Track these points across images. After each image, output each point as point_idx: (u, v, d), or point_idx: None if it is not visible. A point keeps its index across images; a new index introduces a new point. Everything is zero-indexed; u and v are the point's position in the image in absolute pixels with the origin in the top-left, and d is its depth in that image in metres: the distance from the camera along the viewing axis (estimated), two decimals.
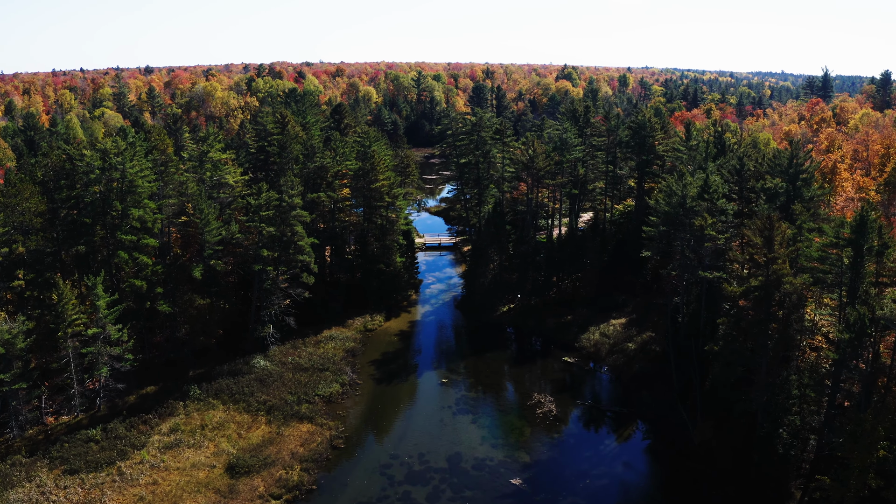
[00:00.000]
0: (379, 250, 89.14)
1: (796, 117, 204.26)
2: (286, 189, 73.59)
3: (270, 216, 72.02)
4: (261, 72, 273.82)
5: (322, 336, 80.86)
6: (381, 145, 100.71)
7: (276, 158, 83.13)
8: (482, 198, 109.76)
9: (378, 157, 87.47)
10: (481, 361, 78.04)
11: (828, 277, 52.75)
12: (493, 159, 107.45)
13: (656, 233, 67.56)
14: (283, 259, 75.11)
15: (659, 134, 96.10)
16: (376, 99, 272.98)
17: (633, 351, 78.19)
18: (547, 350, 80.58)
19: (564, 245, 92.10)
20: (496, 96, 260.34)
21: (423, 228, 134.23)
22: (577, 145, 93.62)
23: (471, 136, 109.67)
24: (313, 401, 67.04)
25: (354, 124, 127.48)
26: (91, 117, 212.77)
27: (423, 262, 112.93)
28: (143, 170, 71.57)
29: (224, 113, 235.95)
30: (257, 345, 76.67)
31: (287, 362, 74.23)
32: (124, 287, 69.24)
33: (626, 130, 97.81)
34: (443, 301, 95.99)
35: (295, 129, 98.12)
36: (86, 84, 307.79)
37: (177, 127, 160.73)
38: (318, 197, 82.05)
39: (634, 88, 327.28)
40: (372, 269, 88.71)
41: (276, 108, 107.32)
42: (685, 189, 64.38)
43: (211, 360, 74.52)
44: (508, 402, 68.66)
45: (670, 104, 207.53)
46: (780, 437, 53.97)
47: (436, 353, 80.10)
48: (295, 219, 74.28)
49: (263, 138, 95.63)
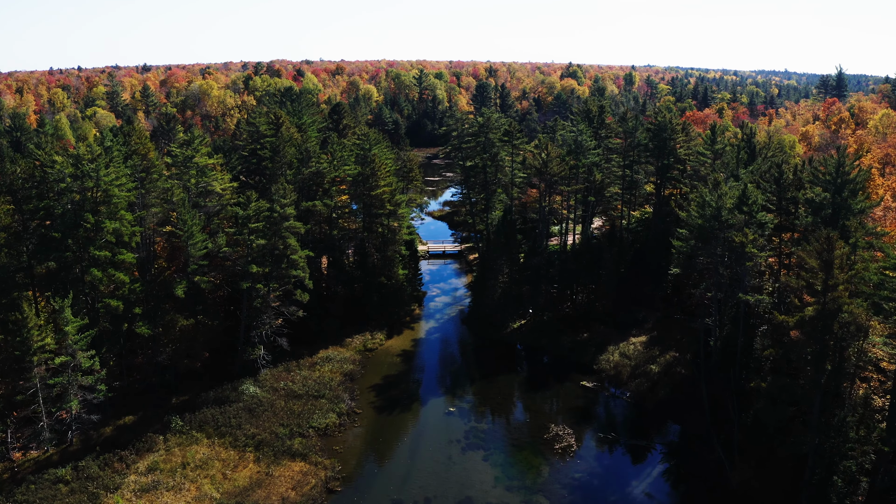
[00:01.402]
0: (380, 262, 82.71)
1: (811, 117, 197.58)
2: (277, 198, 67.11)
3: (260, 228, 65.56)
4: (258, 70, 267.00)
5: (318, 357, 74.41)
6: (382, 148, 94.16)
7: (269, 163, 76.53)
8: (489, 203, 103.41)
9: (379, 161, 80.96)
10: (491, 385, 71.61)
11: (890, 306, 46.24)
12: (502, 162, 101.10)
13: (688, 248, 61.00)
14: (274, 274, 68.66)
15: (680, 136, 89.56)
16: (377, 98, 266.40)
17: (656, 374, 71.71)
18: (562, 372, 74.11)
19: (579, 255, 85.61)
20: (500, 95, 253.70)
21: (427, 234, 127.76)
22: (592, 148, 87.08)
23: (478, 137, 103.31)
24: (307, 434, 60.61)
25: (354, 125, 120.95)
26: (83, 117, 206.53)
27: (426, 271, 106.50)
28: (121, 177, 65.10)
29: (220, 112, 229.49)
30: (247, 368, 70.28)
31: (279, 388, 67.80)
32: (98, 308, 62.82)
33: (645, 133, 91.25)
34: (448, 316, 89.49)
35: (290, 130, 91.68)
36: (80, 83, 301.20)
37: (170, 127, 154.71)
38: (314, 205, 75.49)
39: (640, 87, 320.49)
40: (372, 283, 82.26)
41: (271, 107, 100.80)
42: (720, 200, 57.85)
43: (196, 385, 68.18)
44: (523, 434, 62.15)
45: (681, 103, 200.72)
46: (835, 484, 47.59)
47: (442, 375, 73.66)
48: (287, 231, 67.85)
49: (256, 140, 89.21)
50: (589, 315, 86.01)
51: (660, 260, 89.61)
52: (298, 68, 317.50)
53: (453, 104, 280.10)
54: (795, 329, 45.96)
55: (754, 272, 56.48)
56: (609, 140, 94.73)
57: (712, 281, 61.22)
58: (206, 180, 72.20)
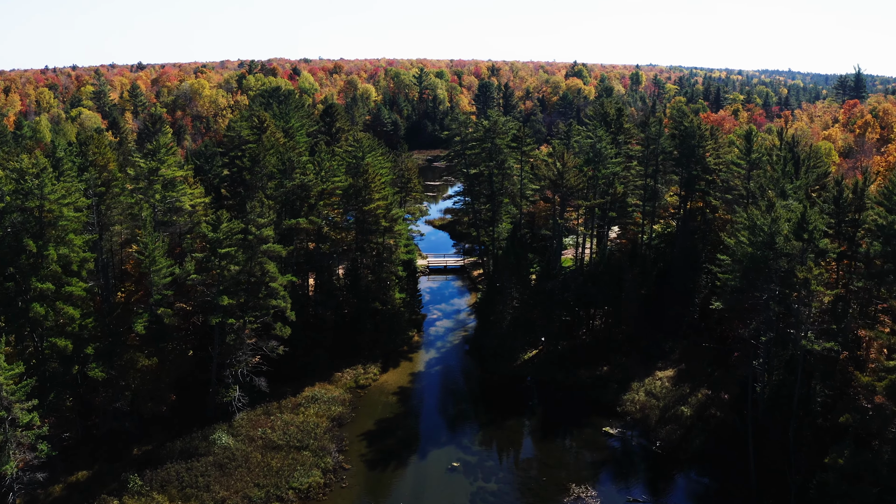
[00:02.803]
0: (374, 285, 73.64)
1: (830, 120, 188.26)
2: (253, 217, 58.01)
3: (232, 253, 56.49)
4: (252, 68, 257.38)
5: (302, 397, 65.37)
6: (377, 155, 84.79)
7: (247, 174, 67.32)
8: (496, 215, 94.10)
9: (372, 171, 71.83)
10: (500, 432, 62.58)
11: None
12: (510, 170, 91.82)
13: (735, 281, 51.83)
14: (250, 305, 59.60)
15: (709, 143, 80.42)
16: (375, 97, 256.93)
17: (689, 419, 62.67)
18: (581, 414, 65.07)
19: (598, 277, 76.48)
20: (503, 95, 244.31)
21: (427, 246, 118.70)
22: (612, 157, 77.92)
23: (483, 143, 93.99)
24: (286, 497, 51.63)
25: (348, 128, 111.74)
26: (67, 118, 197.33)
27: (426, 289, 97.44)
28: (72, 193, 56.11)
29: (212, 113, 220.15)
30: (220, 411, 61.31)
31: (256, 437, 58.76)
32: (44, 349, 53.79)
33: (669, 139, 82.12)
34: (451, 344, 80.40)
35: (275, 135, 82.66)
36: (70, 81, 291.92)
37: (156, 129, 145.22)
38: (297, 223, 66.33)
39: (648, 87, 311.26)
40: (365, 308, 73.19)
41: (256, 109, 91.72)
42: (775, 225, 48.76)
43: (162, 432, 59.22)
44: (539, 499, 53.05)
45: (693, 105, 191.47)
46: None
47: (444, 420, 64.62)
48: (265, 255, 58.81)
49: (237, 147, 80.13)
50: (608, 343, 77.04)
51: (686, 281, 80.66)
52: (295, 67, 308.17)
53: (455, 104, 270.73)
54: (885, 396, 36.90)
55: (818, 313, 47.42)
56: (628, 147, 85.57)
57: (761, 318, 52.14)
58: (174, 195, 63.10)
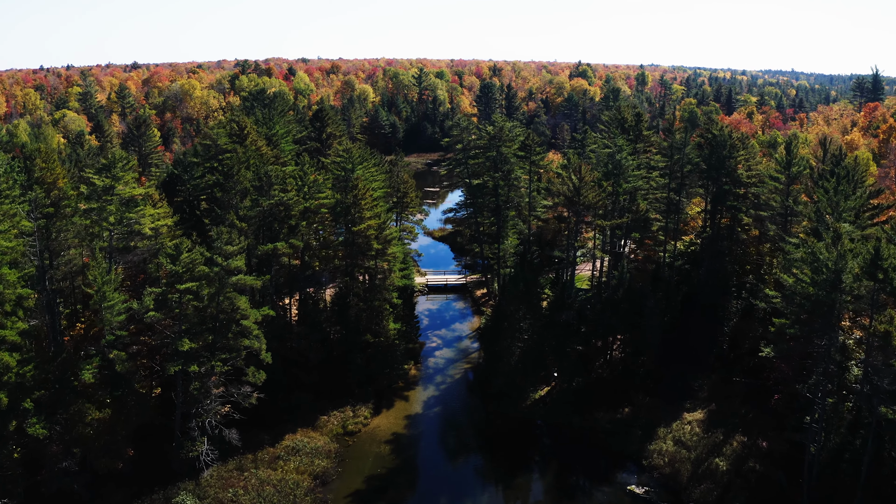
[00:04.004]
0: (365, 314, 65.26)
1: (848, 123, 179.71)
2: (220, 245, 49.64)
3: (194, 289, 48.15)
4: (246, 68, 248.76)
5: (282, 447, 56.92)
6: (369, 167, 76.15)
7: (218, 192, 58.87)
8: (501, 230, 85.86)
9: (363, 186, 63.40)
10: (510, 492, 54.27)
11: None
12: (518, 182, 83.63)
13: (793, 326, 43.40)
14: (218, 346, 51.27)
15: (741, 154, 72.03)
16: (373, 98, 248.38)
17: (726, 475, 54.26)
18: (601, 469, 56.73)
19: (617, 304, 68.13)
20: (506, 96, 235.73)
21: (426, 260, 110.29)
22: (635, 169, 69.55)
23: (487, 151, 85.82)
24: None
25: (340, 133, 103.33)
26: (51, 121, 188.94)
27: (424, 311, 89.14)
28: (10, 218, 47.94)
29: (203, 114, 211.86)
30: (186, 466, 52.98)
31: (226, 500, 50.43)
32: None
33: (696, 149, 73.79)
34: (452, 378, 72.03)
35: (256, 144, 74.35)
36: (59, 82, 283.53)
37: (140, 132, 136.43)
38: (275, 249, 57.90)
39: (654, 88, 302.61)
40: (355, 341, 64.82)
41: (237, 114, 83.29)
42: (841, 262, 40.39)
43: (117, 491, 50.88)
44: None
45: (705, 107, 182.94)
46: None
47: (444, 478, 56.12)
48: (235, 289, 50.47)
49: (214, 157, 71.84)
50: (628, 378, 68.70)
51: (715, 308, 72.51)
52: (290, 67, 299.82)
53: (455, 105, 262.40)
54: None
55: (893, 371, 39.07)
56: (650, 157, 77.22)
57: (820, 369, 43.79)
58: (133, 216, 54.73)
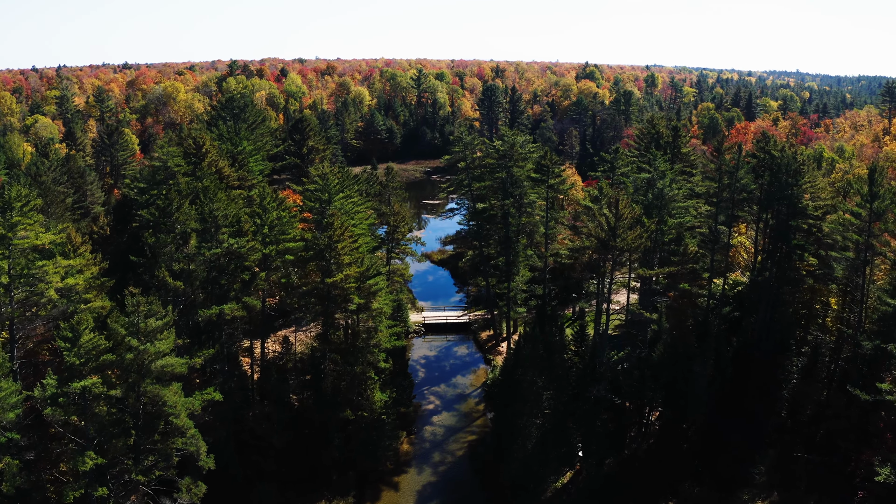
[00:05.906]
0: (345, 385, 51.79)
1: (880, 131, 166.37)
2: (138, 318, 36.16)
3: (98, 386, 34.67)
4: (234, 69, 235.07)
5: None
6: (352, 194, 61.65)
7: (149, 237, 45.15)
8: (511, 266, 72.25)
9: (340, 225, 49.74)
10: None
11: None
12: (532, 208, 70.20)
13: None
14: (141, 448, 37.87)
15: (807, 180, 58.52)
16: (369, 101, 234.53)
17: None
18: None
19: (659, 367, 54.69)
20: (510, 99, 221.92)
21: (423, 291, 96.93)
22: (680, 201, 56.03)
23: (496, 172, 72.41)
24: None
25: (323, 147, 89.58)
26: (22, 127, 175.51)
27: (419, 359, 75.72)
28: None
29: (188, 119, 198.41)
30: None
31: None
32: None
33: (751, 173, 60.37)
34: (453, 456, 58.37)
35: (217, 164, 61.05)
36: (41, 84, 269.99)
37: (112, 141, 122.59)
38: (221, 312, 44.31)
39: (664, 90, 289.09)
40: (332, 418, 51.42)
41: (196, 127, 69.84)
42: None
43: None
44: None
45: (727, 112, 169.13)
46: None
47: None
48: (159, 380, 37.02)
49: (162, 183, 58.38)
50: (670, 458, 55.29)
51: (773, 368, 59.26)
52: (282, 68, 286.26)
53: (456, 109, 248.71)
54: None
55: None
56: (693, 181, 63.75)
57: None
58: (34, 273, 41.21)
